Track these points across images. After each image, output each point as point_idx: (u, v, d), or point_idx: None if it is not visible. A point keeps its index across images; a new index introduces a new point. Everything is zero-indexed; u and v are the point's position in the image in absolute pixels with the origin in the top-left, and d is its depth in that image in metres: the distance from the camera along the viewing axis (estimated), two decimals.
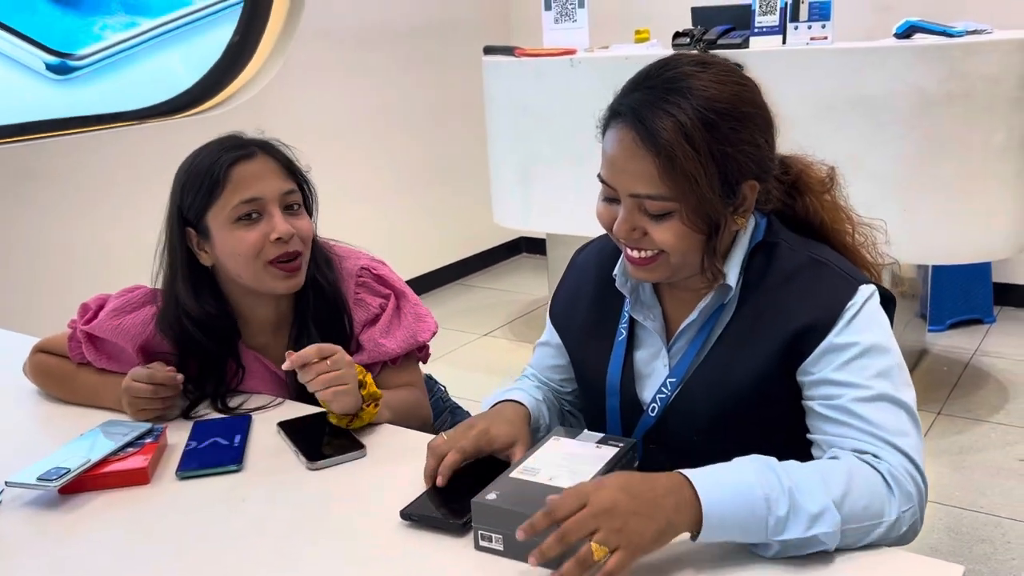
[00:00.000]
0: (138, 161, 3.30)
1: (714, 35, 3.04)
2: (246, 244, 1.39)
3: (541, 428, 1.33)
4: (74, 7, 3.31)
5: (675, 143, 1.05)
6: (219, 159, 1.41)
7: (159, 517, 1.17)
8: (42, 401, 1.56)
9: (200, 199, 1.41)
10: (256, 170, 1.41)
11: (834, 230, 1.23)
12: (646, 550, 0.93)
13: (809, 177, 1.23)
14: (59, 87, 3.29)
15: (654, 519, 0.93)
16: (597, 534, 0.91)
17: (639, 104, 1.09)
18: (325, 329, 1.48)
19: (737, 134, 1.08)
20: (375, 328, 1.51)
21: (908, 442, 1.04)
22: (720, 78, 1.10)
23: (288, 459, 1.30)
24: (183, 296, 1.45)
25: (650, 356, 1.25)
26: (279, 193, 1.42)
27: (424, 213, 4.54)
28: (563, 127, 3.35)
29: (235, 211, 1.39)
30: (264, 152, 1.44)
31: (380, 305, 1.52)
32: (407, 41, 4.39)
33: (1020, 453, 2.76)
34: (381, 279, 1.54)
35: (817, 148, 1.26)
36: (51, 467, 1.21)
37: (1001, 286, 3.94)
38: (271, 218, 1.40)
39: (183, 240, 1.45)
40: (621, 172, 1.11)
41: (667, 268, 1.15)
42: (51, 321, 2.99)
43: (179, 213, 1.44)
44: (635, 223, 1.12)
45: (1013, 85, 2.68)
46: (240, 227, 1.40)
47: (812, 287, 1.13)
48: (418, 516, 1.09)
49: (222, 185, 1.39)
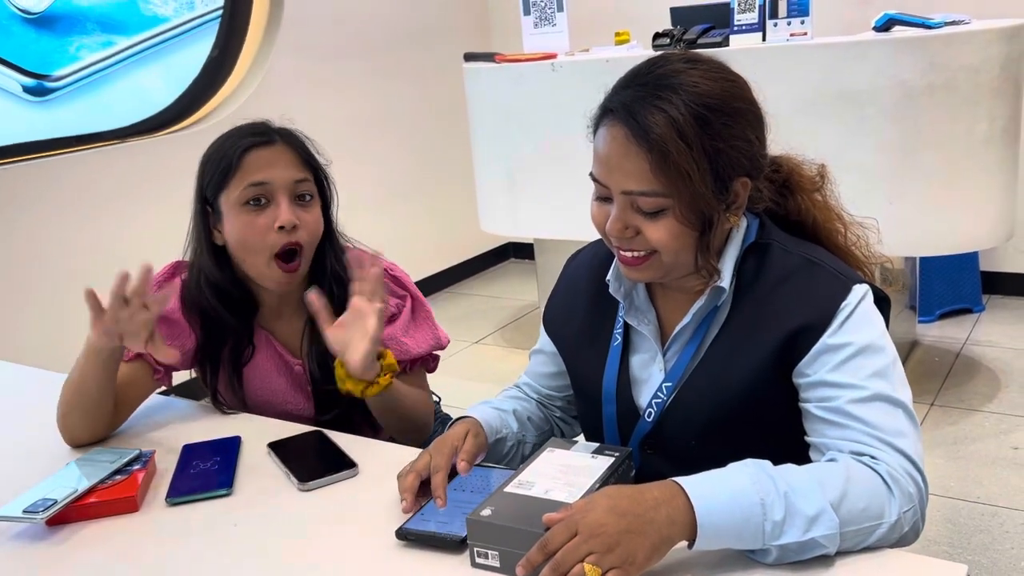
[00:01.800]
0: (119, 181, 3.27)
1: (694, 34, 3.04)
2: (251, 231, 1.40)
3: (508, 438, 1.32)
4: (50, 28, 3.28)
5: (668, 138, 1.05)
6: (237, 143, 1.43)
7: (150, 545, 1.15)
8: (26, 431, 1.54)
9: (215, 180, 1.43)
10: (270, 156, 1.42)
11: (826, 229, 1.23)
12: (641, 567, 0.92)
13: (800, 176, 1.23)
14: (37, 109, 3.27)
15: (646, 535, 0.92)
16: (590, 557, 0.90)
17: (631, 101, 1.08)
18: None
19: (729, 129, 1.08)
20: (394, 327, 1.51)
21: (906, 442, 1.03)
22: (711, 74, 1.10)
23: (279, 480, 1.28)
24: (207, 267, 1.48)
25: (645, 361, 1.24)
26: (289, 181, 1.42)
27: (410, 222, 4.52)
28: (547, 132, 3.34)
29: (243, 194, 1.40)
30: (284, 141, 1.45)
31: (397, 305, 1.52)
32: (387, 51, 4.37)
33: (1015, 441, 2.76)
34: (398, 280, 1.55)
35: (801, 144, 1.25)
36: (37, 499, 1.19)
37: (988, 275, 3.95)
38: (277, 206, 1.41)
39: (205, 218, 1.47)
40: (614, 169, 1.10)
41: (660, 267, 1.14)
42: (32, 344, 2.97)
43: (201, 192, 1.46)
44: (628, 221, 1.11)
45: (994, 75, 2.68)
46: (247, 211, 1.41)
47: (806, 288, 1.12)
48: (414, 534, 1.07)
49: (235, 168, 1.41)
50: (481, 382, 3.48)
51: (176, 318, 1.50)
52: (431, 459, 1.16)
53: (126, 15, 3.50)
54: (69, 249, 3.12)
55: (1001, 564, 2.19)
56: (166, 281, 1.53)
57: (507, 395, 1.43)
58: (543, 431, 1.41)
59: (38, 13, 3.24)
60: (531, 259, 4.59)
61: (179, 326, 1.50)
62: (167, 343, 1.39)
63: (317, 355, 1.49)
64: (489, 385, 1.58)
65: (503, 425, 1.31)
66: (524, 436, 1.36)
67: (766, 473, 0.97)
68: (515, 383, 1.46)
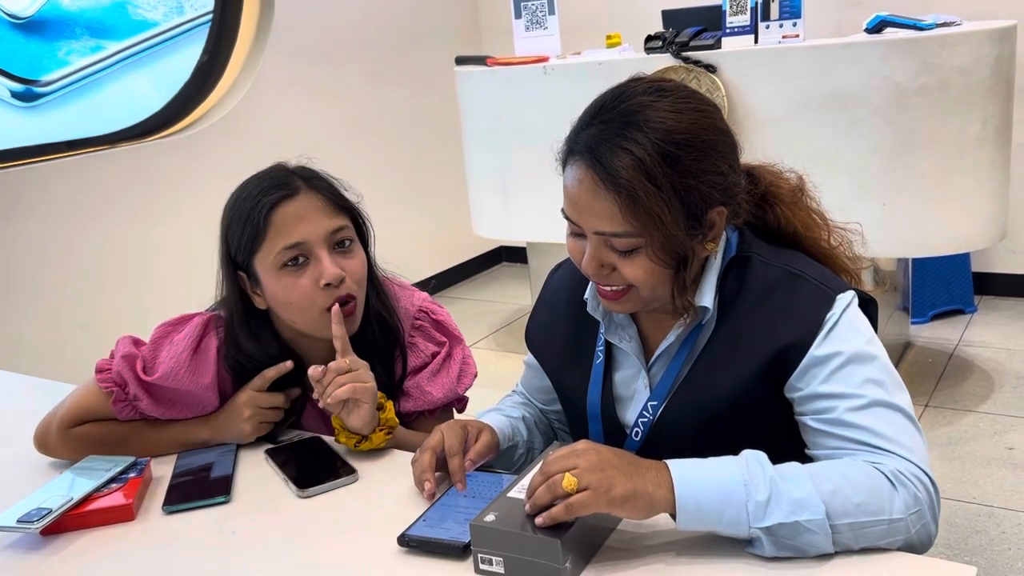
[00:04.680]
0: (110, 187, 3.24)
1: (686, 37, 3.04)
2: (297, 292, 1.30)
3: (519, 445, 1.31)
4: (38, 33, 3.26)
5: (635, 182, 1.02)
6: (260, 201, 1.31)
7: (147, 554, 1.13)
8: (17, 440, 1.52)
9: (245, 244, 1.32)
10: (299, 211, 1.30)
11: (808, 237, 1.21)
12: (614, 502, 0.95)
13: (779, 188, 1.21)
14: (26, 115, 3.24)
15: (631, 478, 0.96)
16: (574, 470, 0.96)
17: (595, 143, 1.06)
18: (385, 367, 1.40)
19: (699, 164, 1.05)
20: (420, 376, 1.44)
21: (911, 447, 1.02)
22: (678, 106, 1.06)
23: (277, 487, 1.27)
24: (242, 340, 1.37)
25: (629, 378, 1.23)
26: (325, 233, 1.31)
27: (403, 226, 4.50)
28: (539, 135, 3.32)
29: (279, 257, 1.30)
30: (309, 187, 1.33)
31: (432, 353, 1.45)
32: (378, 54, 4.36)
33: (1009, 442, 2.77)
34: (439, 325, 1.47)
35: (794, 145, 1.25)
36: (32, 508, 1.17)
37: (980, 275, 3.97)
38: (319, 262, 1.30)
39: (236, 282, 1.36)
40: (584, 211, 1.08)
41: (638, 300, 1.13)
42: (23, 353, 2.94)
43: (228, 255, 1.36)
44: (603, 259, 1.10)
45: (986, 76, 2.69)
46: (287, 273, 1.30)
47: (789, 303, 1.11)
48: (416, 541, 1.06)
49: (264, 230, 1.30)
50: (475, 386, 3.46)
51: (204, 395, 1.38)
52: (444, 438, 1.16)
53: (115, 20, 3.48)
54: (58, 256, 3.09)
55: (999, 565, 2.19)
56: (197, 346, 1.38)
57: (514, 401, 1.41)
58: (549, 437, 1.40)
59: (26, 18, 3.22)
60: (524, 262, 4.58)
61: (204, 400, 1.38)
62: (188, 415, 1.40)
63: None
64: (483, 389, 1.56)
65: (515, 433, 1.31)
66: (533, 443, 1.35)
67: (756, 460, 0.98)
68: (515, 390, 1.45)
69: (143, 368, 1.35)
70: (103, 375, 1.36)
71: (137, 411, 1.37)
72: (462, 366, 1.47)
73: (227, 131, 3.61)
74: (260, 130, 3.72)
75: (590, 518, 0.98)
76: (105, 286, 3.19)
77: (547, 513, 0.96)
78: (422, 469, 1.15)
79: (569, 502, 0.94)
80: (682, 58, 2.97)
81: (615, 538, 1.04)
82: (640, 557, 1.00)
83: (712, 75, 2.90)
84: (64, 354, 2.92)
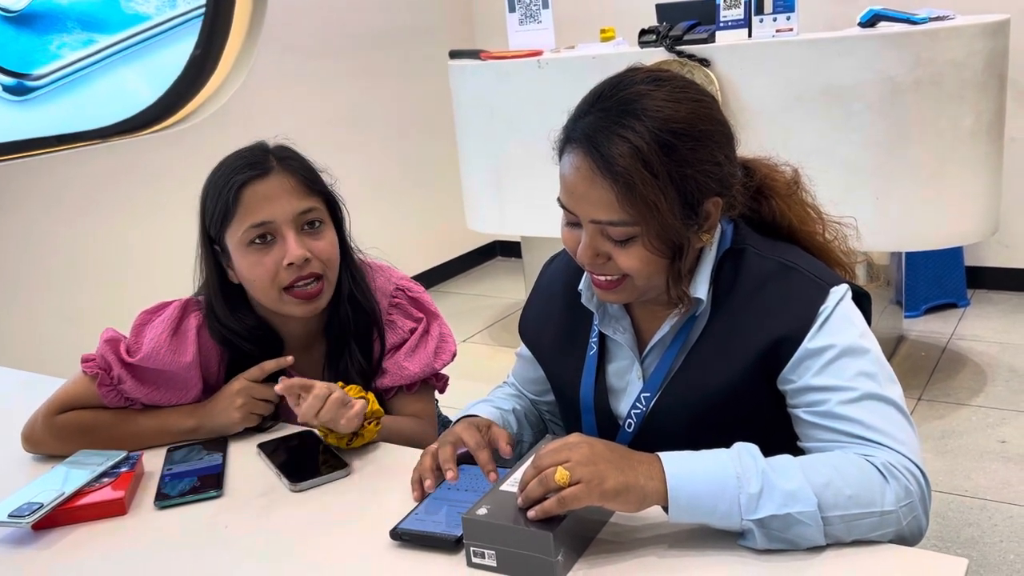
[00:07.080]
0: (102, 181, 3.23)
1: (680, 31, 3.03)
2: (260, 270, 1.33)
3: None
4: (30, 26, 3.24)
5: (632, 170, 1.02)
6: (232, 179, 1.34)
7: (139, 549, 1.13)
8: (7, 434, 1.51)
9: (217, 219, 1.35)
10: (268, 190, 1.33)
11: (803, 231, 1.21)
12: (606, 495, 0.95)
13: (774, 181, 1.21)
14: (18, 108, 3.22)
15: (623, 471, 0.97)
16: (566, 463, 0.97)
17: (593, 130, 1.06)
18: (362, 347, 1.43)
19: (696, 154, 1.05)
20: (400, 352, 1.45)
21: (903, 440, 1.03)
22: (675, 96, 1.06)
23: (270, 482, 1.27)
24: (220, 312, 1.40)
25: (623, 369, 1.23)
26: (293, 214, 1.34)
27: (396, 220, 4.50)
28: (533, 129, 3.32)
29: (247, 235, 1.33)
30: (282, 167, 1.36)
31: (410, 330, 1.46)
32: (371, 48, 4.35)
33: (1002, 435, 2.78)
34: (417, 302, 1.49)
35: (788, 139, 1.25)
36: (23, 502, 1.17)
37: (973, 269, 3.98)
38: (284, 241, 1.33)
39: (212, 256, 1.40)
40: (580, 199, 1.08)
41: (633, 290, 1.13)
42: (17, 347, 2.93)
43: (205, 231, 1.39)
44: (599, 248, 1.10)
45: (979, 70, 2.69)
46: (253, 251, 1.34)
47: (783, 295, 1.11)
48: (408, 534, 1.06)
49: (234, 208, 1.33)
50: (468, 380, 3.44)
51: (185, 375, 1.40)
52: (462, 437, 1.17)
53: (107, 13, 3.46)
54: (50, 250, 3.08)
55: (990, 557, 2.20)
56: (177, 327, 1.41)
57: (505, 393, 1.42)
58: (539, 430, 1.40)
59: (18, 11, 3.20)
60: (518, 257, 4.58)
61: (186, 380, 1.40)
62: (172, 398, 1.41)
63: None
64: (476, 383, 1.57)
65: (506, 425, 1.31)
66: (523, 435, 1.35)
67: (748, 452, 0.98)
68: (506, 381, 1.45)
69: (126, 350, 1.38)
70: (89, 364, 1.39)
71: (122, 395, 1.39)
72: (439, 342, 1.48)
73: (220, 125, 3.59)
74: (253, 125, 3.71)
75: (582, 511, 0.99)
76: (94, 280, 3.17)
77: (539, 506, 0.96)
78: (444, 459, 1.15)
79: (561, 495, 0.95)
80: (676, 52, 2.97)
81: (607, 531, 1.05)
82: (632, 550, 1.01)
83: (706, 69, 2.90)
84: (53, 347, 2.91)
